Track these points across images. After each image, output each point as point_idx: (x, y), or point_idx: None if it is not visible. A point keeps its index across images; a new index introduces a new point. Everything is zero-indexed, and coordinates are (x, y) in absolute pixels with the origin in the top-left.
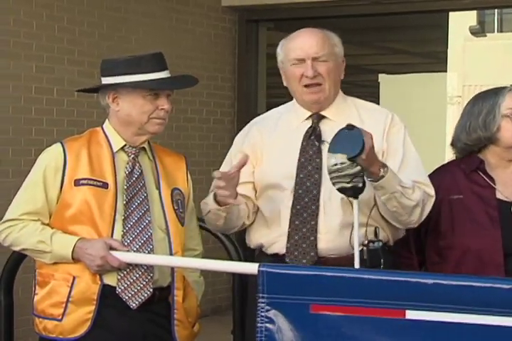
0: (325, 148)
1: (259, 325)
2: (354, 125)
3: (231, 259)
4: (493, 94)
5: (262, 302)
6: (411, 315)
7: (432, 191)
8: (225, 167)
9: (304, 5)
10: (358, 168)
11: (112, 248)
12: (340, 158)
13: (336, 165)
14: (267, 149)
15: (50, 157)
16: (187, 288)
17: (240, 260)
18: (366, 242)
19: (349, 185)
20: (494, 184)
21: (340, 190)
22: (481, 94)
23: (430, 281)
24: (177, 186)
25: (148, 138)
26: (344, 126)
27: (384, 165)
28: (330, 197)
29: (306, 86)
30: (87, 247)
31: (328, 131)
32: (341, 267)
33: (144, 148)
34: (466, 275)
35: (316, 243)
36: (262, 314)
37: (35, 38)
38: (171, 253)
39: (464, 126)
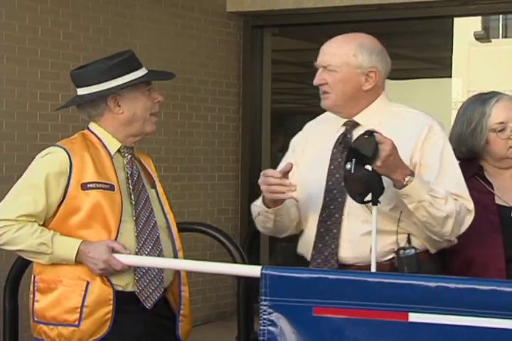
0: None
1: (261, 327)
2: (373, 131)
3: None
4: (481, 103)
5: (265, 305)
6: (414, 317)
7: (471, 206)
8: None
9: (308, 10)
10: (370, 174)
11: (114, 250)
12: (354, 164)
13: (350, 170)
14: (306, 155)
15: (54, 161)
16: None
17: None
18: (396, 249)
19: (359, 192)
20: (493, 189)
21: (352, 197)
22: (471, 100)
23: (433, 284)
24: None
25: (141, 138)
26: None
27: (411, 174)
28: (355, 205)
29: None
30: (90, 250)
31: None
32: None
33: (132, 149)
34: (469, 278)
35: (337, 251)
36: (265, 317)
37: (40, 44)
38: (175, 251)
39: (456, 138)
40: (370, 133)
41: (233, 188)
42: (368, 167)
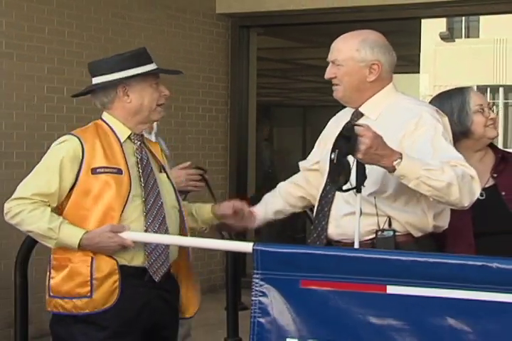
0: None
1: (253, 298)
2: (355, 124)
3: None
4: (459, 93)
5: (257, 278)
6: (391, 289)
7: (472, 172)
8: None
9: (291, 12)
10: (348, 165)
11: (117, 232)
12: (337, 154)
13: (333, 160)
14: (322, 141)
15: (69, 147)
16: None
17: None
18: (375, 231)
19: (339, 181)
20: None
21: (333, 185)
22: (444, 94)
23: (409, 259)
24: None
25: (148, 126)
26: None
27: (400, 156)
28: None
29: None
30: (97, 241)
31: None
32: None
33: (142, 136)
34: (439, 253)
35: (326, 227)
36: (257, 288)
37: (47, 42)
38: (184, 230)
39: None
40: (351, 126)
41: (222, 173)
42: (350, 157)
